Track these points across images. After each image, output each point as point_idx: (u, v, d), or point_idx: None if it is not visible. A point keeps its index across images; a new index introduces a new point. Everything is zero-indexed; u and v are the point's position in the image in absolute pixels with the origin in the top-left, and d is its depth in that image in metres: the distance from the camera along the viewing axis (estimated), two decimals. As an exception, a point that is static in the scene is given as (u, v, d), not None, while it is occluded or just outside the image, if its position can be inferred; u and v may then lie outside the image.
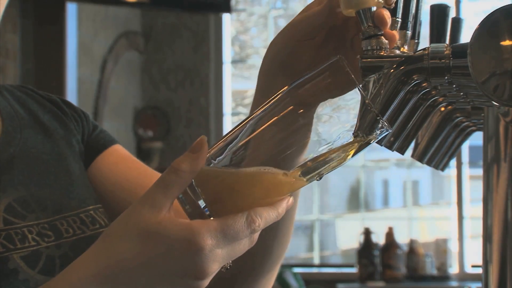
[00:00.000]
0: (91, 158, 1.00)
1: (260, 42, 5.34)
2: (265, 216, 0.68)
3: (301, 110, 0.69)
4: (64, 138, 0.97)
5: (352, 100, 0.70)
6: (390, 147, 0.81)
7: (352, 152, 0.68)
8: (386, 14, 0.76)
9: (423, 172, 5.30)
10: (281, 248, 0.95)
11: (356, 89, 0.68)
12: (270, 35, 5.15)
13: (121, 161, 1.01)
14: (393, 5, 0.77)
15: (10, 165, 0.88)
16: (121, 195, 0.98)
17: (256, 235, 0.69)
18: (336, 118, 0.70)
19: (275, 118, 0.68)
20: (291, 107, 0.69)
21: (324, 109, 0.71)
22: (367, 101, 0.67)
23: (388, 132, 0.68)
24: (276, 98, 0.69)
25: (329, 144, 0.68)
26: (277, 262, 0.96)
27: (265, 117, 0.69)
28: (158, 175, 0.99)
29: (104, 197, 0.97)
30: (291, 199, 0.71)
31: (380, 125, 0.67)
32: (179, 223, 0.66)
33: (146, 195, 0.68)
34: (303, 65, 0.83)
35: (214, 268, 0.66)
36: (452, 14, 0.89)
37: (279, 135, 0.68)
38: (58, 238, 0.85)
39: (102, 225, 0.91)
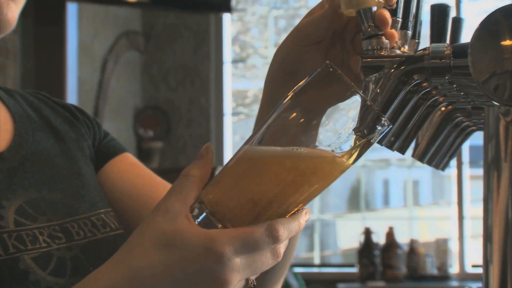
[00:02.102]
0: (100, 164, 1.00)
1: (261, 42, 5.34)
2: (288, 226, 0.66)
3: (302, 120, 0.68)
4: (76, 142, 0.98)
5: (351, 101, 0.70)
6: (390, 147, 0.81)
7: (355, 155, 0.67)
8: (387, 14, 0.76)
9: (424, 172, 5.30)
10: (280, 274, 0.93)
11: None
12: (270, 35, 5.15)
13: (130, 168, 1.02)
14: (395, 5, 0.77)
15: (22, 167, 0.88)
16: (128, 202, 0.98)
17: (281, 250, 0.67)
18: (336, 120, 0.69)
19: (281, 127, 0.67)
20: (294, 114, 0.68)
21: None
22: (367, 101, 0.67)
23: (389, 127, 0.68)
24: (281, 106, 0.68)
25: (329, 147, 0.67)
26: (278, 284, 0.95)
27: (271, 127, 0.68)
28: (166, 183, 1.00)
29: (111, 203, 0.97)
30: (309, 211, 0.70)
31: (382, 122, 0.67)
32: (196, 231, 0.65)
33: (160, 203, 0.67)
34: (312, 70, 0.83)
35: (233, 278, 0.65)
36: (452, 14, 0.89)
37: (287, 144, 0.67)
38: (69, 240, 0.85)
39: (112, 228, 0.91)
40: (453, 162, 4.53)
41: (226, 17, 5.02)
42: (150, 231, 0.66)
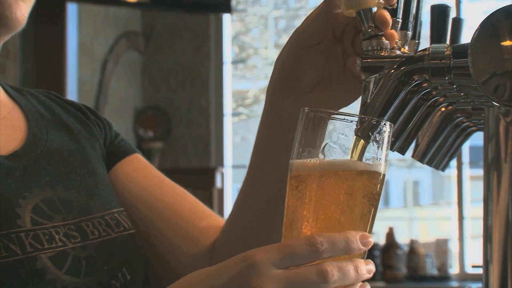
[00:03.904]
0: (111, 165, 1.01)
1: (261, 42, 5.34)
2: (330, 238, 0.63)
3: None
4: (88, 141, 0.98)
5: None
6: (390, 147, 0.81)
7: (383, 162, 0.68)
8: (387, 14, 0.76)
9: (424, 172, 5.30)
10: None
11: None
12: (270, 36, 5.15)
13: (139, 169, 1.02)
14: (395, 5, 0.77)
15: (37, 166, 0.88)
16: (136, 204, 0.99)
17: (327, 267, 0.63)
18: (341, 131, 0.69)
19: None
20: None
21: None
22: (361, 117, 0.67)
23: (391, 127, 0.68)
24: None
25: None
26: None
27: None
28: (175, 185, 1.00)
29: (121, 204, 0.98)
30: (369, 235, 0.69)
31: (383, 124, 0.67)
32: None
33: None
34: (314, 75, 0.82)
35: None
36: (452, 14, 0.89)
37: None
38: (84, 239, 0.85)
39: (126, 228, 0.92)
40: (453, 163, 4.53)
41: (226, 17, 5.02)
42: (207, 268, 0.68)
